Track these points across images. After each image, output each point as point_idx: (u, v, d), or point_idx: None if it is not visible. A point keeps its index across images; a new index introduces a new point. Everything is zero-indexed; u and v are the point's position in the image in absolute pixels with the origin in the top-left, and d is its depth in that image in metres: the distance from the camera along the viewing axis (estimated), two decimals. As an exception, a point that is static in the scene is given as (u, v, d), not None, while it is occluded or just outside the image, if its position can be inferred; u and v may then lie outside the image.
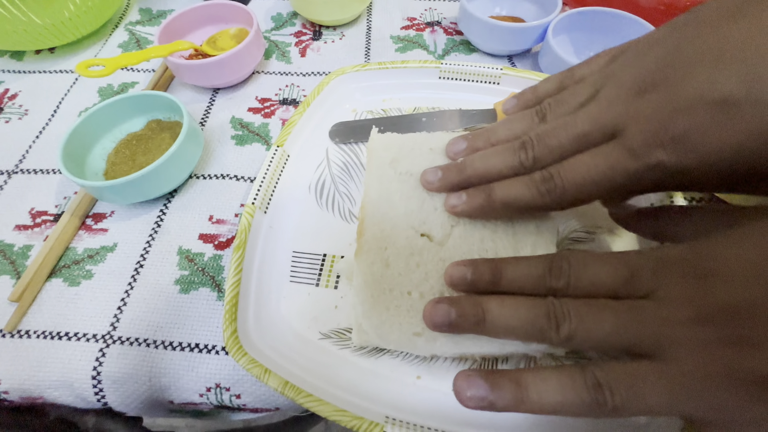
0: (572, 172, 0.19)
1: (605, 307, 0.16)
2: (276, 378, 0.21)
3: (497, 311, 0.18)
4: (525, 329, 0.17)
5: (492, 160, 0.22)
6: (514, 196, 0.21)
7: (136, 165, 0.32)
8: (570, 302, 0.17)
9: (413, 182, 0.26)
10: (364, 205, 0.25)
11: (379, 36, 0.43)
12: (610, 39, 0.37)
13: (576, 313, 0.16)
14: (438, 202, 0.25)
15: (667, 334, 0.15)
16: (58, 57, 0.43)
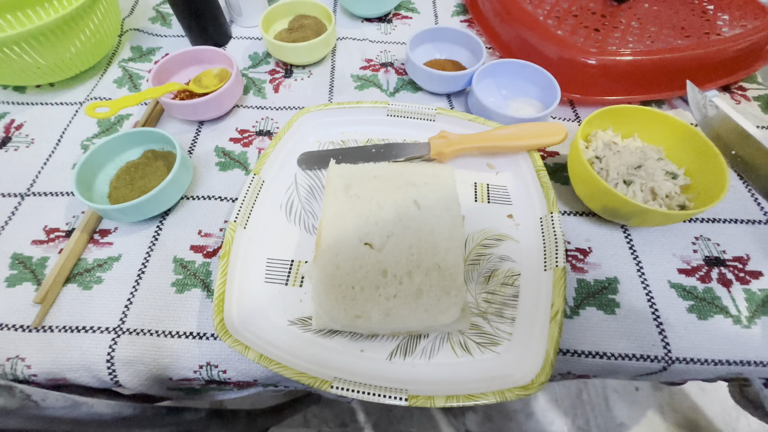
0: None
1: None
2: (253, 352, 0.29)
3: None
4: None
5: None
6: None
7: (135, 188, 0.39)
8: None
9: (361, 203, 0.34)
10: (322, 221, 0.33)
11: (341, 75, 0.51)
12: (523, 81, 0.46)
13: None
14: (380, 219, 0.33)
15: None
16: (57, 90, 0.49)
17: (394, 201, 0.34)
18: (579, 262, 0.36)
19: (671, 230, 0.38)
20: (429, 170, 0.36)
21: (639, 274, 0.36)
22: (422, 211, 0.34)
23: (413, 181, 0.36)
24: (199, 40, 0.52)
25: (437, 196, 0.35)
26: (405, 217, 0.33)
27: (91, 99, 0.48)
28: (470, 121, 0.42)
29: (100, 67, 0.52)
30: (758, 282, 0.35)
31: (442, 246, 0.32)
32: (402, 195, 0.35)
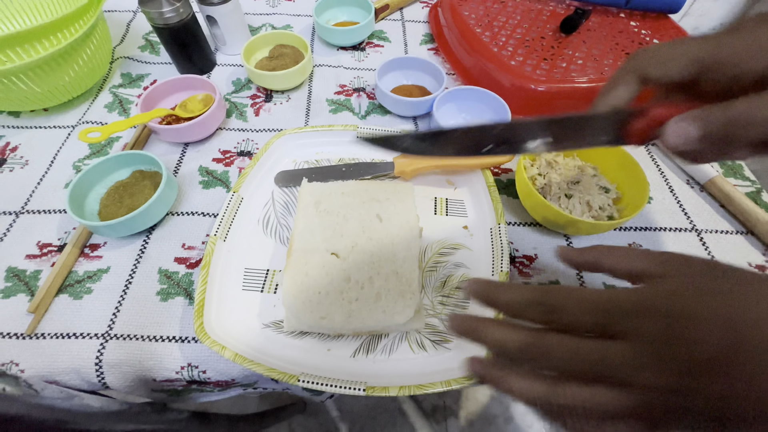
0: None
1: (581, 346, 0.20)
2: (230, 352, 0.32)
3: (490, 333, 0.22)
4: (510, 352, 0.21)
5: None
6: None
7: (124, 206, 0.42)
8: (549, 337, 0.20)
9: (329, 218, 0.38)
10: (293, 234, 0.37)
11: (317, 99, 0.56)
12: (480, 105, 0.51)
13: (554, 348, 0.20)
14: (345, 231, 0.37)
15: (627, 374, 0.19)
16: (51, 114, 0.53)
17: (359, 215, 0.38)
18: (525, 267, 0.41)
19: (607, 238, 0.43)
20: (391, 187, 0.41)
21: (578, 277, 0.40)
22: (384, 223, 0.38)
23: (376, 197, 0.40)
24: (185, 67, 0.56)
25: (397, 210, 0.39)
26: (368, 229, 0.37)
27: (83, 123, 0.52)
28: (431, 142, 0.46)
29: (92, 93, 0.55)
30: (681, 283, 0.40)
31: (400, 255, 0.36)
32: (366, 209, 0.39)
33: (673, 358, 0.18)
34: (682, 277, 0.21)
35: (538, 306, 0.21)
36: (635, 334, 0.19)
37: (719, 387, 0.18)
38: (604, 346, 0.19)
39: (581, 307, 0.20)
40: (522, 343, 0.21)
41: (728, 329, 0.18)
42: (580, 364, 0.20)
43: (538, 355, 0.21)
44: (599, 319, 0.20)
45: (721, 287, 0.19)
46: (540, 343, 0.21)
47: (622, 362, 0.19)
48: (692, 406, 0.18)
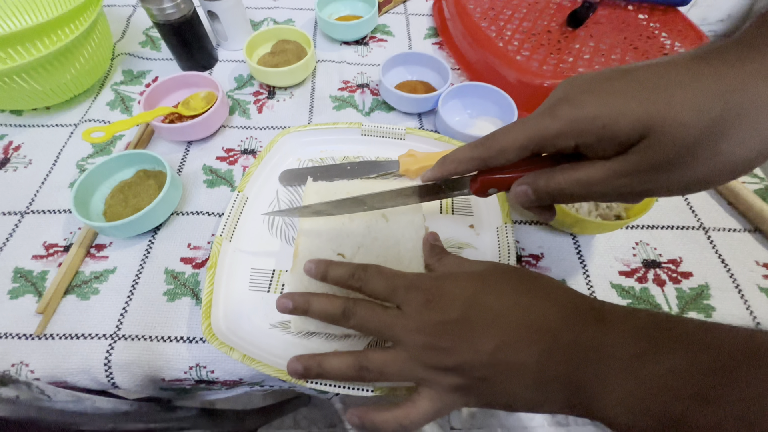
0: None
1: (375, 312, 0.28)
2: (237, 353, 0.32)
3: (315, 304, 0.30)
4: (331, 317, 0.29)
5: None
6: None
7: (129, 206, 0.42)
8: (359, 304, 0.29)
9: (335, 218, 0.38)
10: (299, 234, 0.37)
11: (320, 96, 0.55)
12: (486, 102, 0.51)
13: (359, 313, 0.28)
14: (351, 231, 0.37)
15: (402, 335, 0.27)
16: (53, 113, 0.53)
17: (364, 214, 0.38)
18: (531, 266, 0.41)
19: (614, 237, 0.43)
20: (397, 186, 0.41)
21: (584, 276, 0.40)
22: (389, 224, 0.38)
23: None
24: (186, 63, 0.56)
25: (403, 210, 0.39)
26: (374, 230, 0.37)
27: (85, 121, 0.52)
28: (436, 140, 0.46)
29: (93, 90, 0.55)
30: (688, 281, 0.40)
31: (405, 255, 0.36)
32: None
33: (427, 321, 0.26)
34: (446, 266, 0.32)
35: (354, 277, 0.30)
36: (407, 303, 0.27)
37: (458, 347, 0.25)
38: (389, 312, 0.28)
39: (380, 280, 0.29)
40: (340, 307, 0.29)
41: (463, 300, 0.26)
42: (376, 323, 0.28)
43: (350, 315, 0.28)
44: (389, 289, 0.29)
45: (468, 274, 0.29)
46: (352, 306, 0.29)
47: (398, 325, 0.27)
48: (441, 363, 0.26)
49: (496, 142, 0.26)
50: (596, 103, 0.22)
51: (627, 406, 0.21)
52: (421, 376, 0.27)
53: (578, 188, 0.24)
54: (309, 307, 0.30)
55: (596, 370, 0.23)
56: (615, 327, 0.24)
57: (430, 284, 0.28)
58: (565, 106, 0.23)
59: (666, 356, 0.21)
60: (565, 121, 0.23)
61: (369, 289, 0.30)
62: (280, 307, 0.31)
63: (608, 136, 0.22)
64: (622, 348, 0.22)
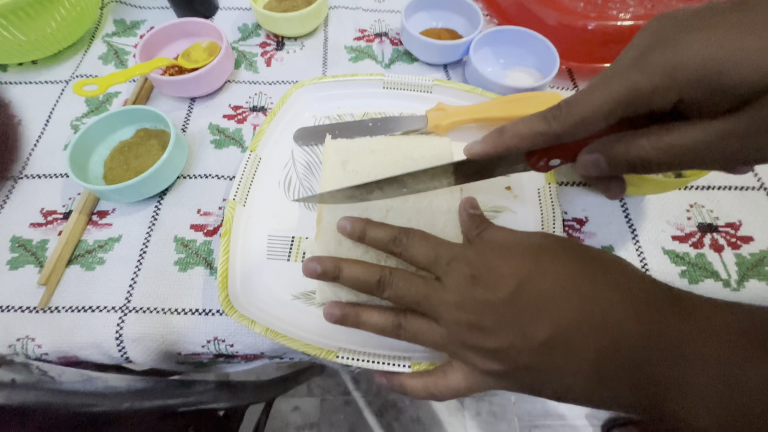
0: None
1: (414, 283, 0.26)
2: (260, 326, 0.29)
3: (347, 270, 0.27)
4: (364, 286, 0.27)
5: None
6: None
7: (131, 169, 0.38)
8: (396, 273, 0.26)
9: (359, 179, 0.34)
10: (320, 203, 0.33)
11: (334, 46, 0.49)
12: (521, 50, 0.45)
13: (396, 283, 0.26)
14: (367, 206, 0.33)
15: (440, 310, 0.25)
16: (41, 68, 0.48)
17: (391, 175, 0.34)
18: (575, 231, 0.37)
19: (666, 199, 0.39)
20: (425, 143, 0.36)
21: (634, 241, 0.36)
22: None
23: (410, 154, 0.35)
24: (184, 11, 0.50)
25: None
26: None
27: (76, 77, 0.47)
28: (467, 92, 0.41)
29: (83, 43, 0.50)
30: (749, 246, 0.36)
31: (440, 219, 0.32)
32: (399, 169, 0.34)
33: (470, 298, 0.23)
34: (491, 239, 0.27)
35: (396, 241, 0.27)
36: (449, 275, 0.25)
37: (503, 329, 0.22)
38: (429, 284, 0.25)
39: (423, 247, 0.26)
40: (375, 274, 0.26)
41: (514, 280, 0.23)
42: (413, 295, 0.25)
43: (386, 285, 0.26)
44: (432, 258, 0.26)
45: (520, 250, 0.25)
46: (389, 275, 0.26)
47: (437, 298, 0.25)
48: (480, 344, 0.23)
49: (574, 110, 0.21)
50: (705, 44, 0.17)
51: (716, 413, 0.18)
52: (457, 352, 0.25)
53: (670, 156, 0.19)
54: (340, 273, 0.27)
55: (675, 372, 0.19)
56: (702, 323, 0.20)
57: (476, 258, 0.25)
58: (662, 52, 0.18)
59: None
60: (663, 72, 0.18)
61: (409, 255, 0.27)
62: (307, 272, 0.28)
63: (724, 87, 0.17)
64: (712, 348, 0.19)
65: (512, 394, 0.98)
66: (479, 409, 0.97)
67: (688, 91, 0.18)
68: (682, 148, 0.19)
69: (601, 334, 0.21)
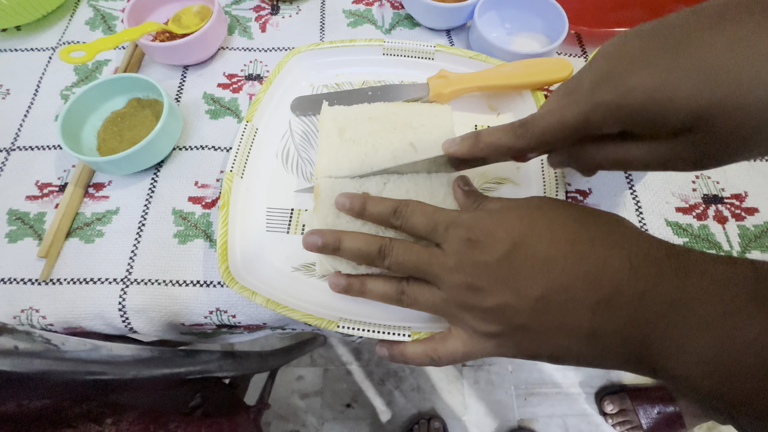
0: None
1: (414, 250, 0.26)
2: (261, 297, 0.30)
3: (348, 242, 0.27)
4: (365, 256, 0.27)
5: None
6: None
7: (125, 140, 0.37)
8: (396, 242, 0.27)
9: (356, 147, 0.33)
10: (318, 170, 0.33)
11: (332, 10, 0.47)
12: (528, 13, 0.43)
13: (396, 251, 0.26)
14: (374, 163, 0.32)
15: (439, 274, 0.25)
16: (26, 35, 0.46)
17: (390, 143, 0.33)
18: (579, 203, 0.36)
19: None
20: (426, 111, 0.35)
21: (637, 213, 0.36)
22: (419, 153, 0.33)
23: (409, 122, 0.34)
24: (173, -28, 0.47)
25: (434, 138, 0.34)
26: (401, 161, 0.33)
27: (63, 44, 0.45)
28: (471, 59, 0.39)
29: (68, 7, 0.47)
30: (753, 218, 0.36)
31: (439, 191, 0.32)
32: (398, 137, 0.34)
33: (467, 260, 0.24)
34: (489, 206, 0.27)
35: (396, 213, 0.27)
36: (447, 240, 0.25)
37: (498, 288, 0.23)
38: (429, 251, 0.26)
39: (421, 216, 0.27)
40: (375, 244, 0.27)
41: (509, 241, 0.23)
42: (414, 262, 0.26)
43: (386, 253, 0.26)
44: (430, 226, 0.26)
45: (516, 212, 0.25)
46: (389, 243, 0.27)
47: (436, 263, 0.25)
48: (478, 305, 0.24)
49: (536, 131, 0.24)
50: (646, 86, 0.20)
51: (713, 369, 0.18)
52: (456, 315, 0.26)
53: (621, 166, 0.24)
54: (341, 245, 0.27)
55: (670, 326, 0.19)
56: (701, 278, 0.20)
57: (473, 222, 0.25)
58: (611, 88, 0.21)
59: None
60: (611, 107, 0.21)
61: (409, 226, 0.27)
62: (307, 245, 0.28)
63: (659, 124, 0.20)
64: (709, 303, 0.19)
65: (509, 363, 1.01)
66: (477, 377, 1.00)
67: (631, 124, 0.21)
68: (630, 161, 0.24)
69: (596, 292, 0.21)
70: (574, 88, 0.23)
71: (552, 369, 1.01)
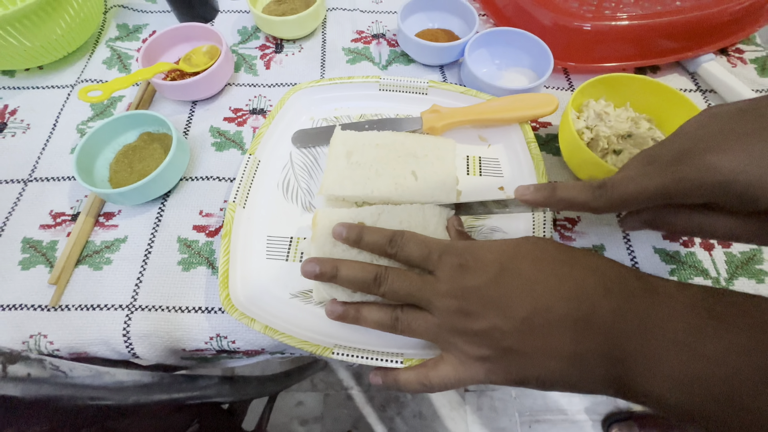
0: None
1: (408, 278, 0.27)
2: (259, 324, 0.31)
3: (344, 270, 0.28)
4: (361, 284, 0.28)
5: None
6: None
7: (135, 172, 0.40)
8: (391, 270, 0.28)
9: (360, 170, 0.35)
10: (323, 187, 0.35)
11: (332, 48, 0.50)
12: (517, 50, 0.46)
13: (391, 279, 0.27)
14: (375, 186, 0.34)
15: (432, 299, 0.26)
16: (47, 73, 0.49)
17: (392, 170, 0.35)
18: (567, 230, 0.38)
19: (658, 198, 0.39)
20: (431, 143, 0.37)
21: (625, 241, 0.37)
22: (419, 182, 0.35)
23: (414, 152, 0.37)
24: (185, 15, 0.51)
25: (435, 170, 0.36)
26: (401, 187, 0.34)
27: (81, 81, 0.48)
28: (462, 94, 0.42)
29: (87, 48, 0.51)
30: (739, 245, 0.37)
31: (431, 221, 0.33)
32: (401, 165, 0.36)
33: (459, 285, 0.25)
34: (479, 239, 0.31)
35: (392, 243, 0.28)
36: (440, 267, 0.26)
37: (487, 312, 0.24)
38: (422, 278, 0.27)
39: (415, 246, 0.28)
40: (371, 272, 0.28)
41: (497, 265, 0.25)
42: (407, 289, 0.27)
43: (381, 281, 0.27)
44: (424, 254, 0.27)
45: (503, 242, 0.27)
46: (384, 272, 0.28)
47: (429, 289, 0.26)
48: (467, 328, 0.25)
49: (616, 194, 0.25)
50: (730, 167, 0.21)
51: (680, 385, 0.19)
52: (448, 341, 0.26)
53: (703, 234, 0.26)
54: (338, 273, 0.28)
55: (642, 344, 0.21)
56: (667, 299, 0.21)
57: (464, 249, 0.27)
58: (693, 164, 0.22)
59: (728, 332, 0.19)
60: (694, 182, 0.22)
61: (404, 254, 0.28)
62: (305, 272, 0.29)
63: (748, 203, 0.21)
64: (676, 321, 0.20)
65: (513, 389, 1.00)
66: (480, 404, 0.98)
67: (718, 198, 0.22)
68: (716, 232, 0.25)
69: (575, 311, 0.23)
70: (656, 157, 0.25)
71: (557, 395, 0.99)
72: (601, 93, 0.40)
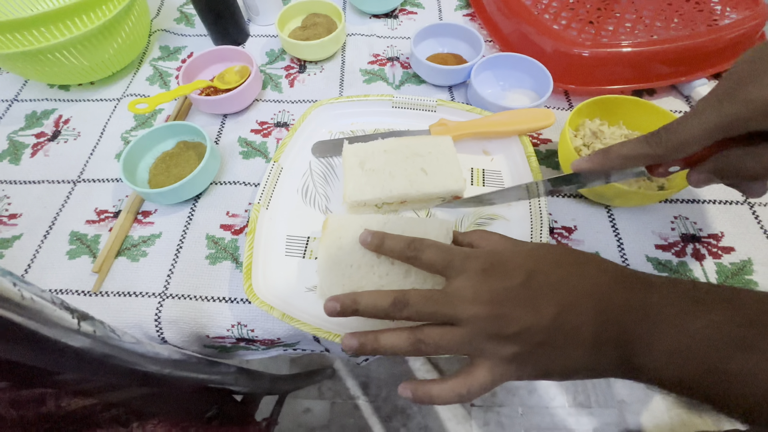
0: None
1: (429, 296, 0.26)
2: (278, 311, 0.34)
3: (364, 301, 0.27)
4: (382, 311, 0.27)
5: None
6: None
7: (171, 176, 0.44)
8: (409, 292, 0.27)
9: (376, 175, 0.39)
10: (345, 195, 0.38)
11: (351, 69, 0.55)
12: (519, 73, 0.50)
13: (413, 301, 0.26)
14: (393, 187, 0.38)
15: (459, 310, 0.26)
16: (97, 88, 0.55)
17: (404, 170, 0.39)
18: (564, 238, 0.40)
19: (652, 210, 0.42)
20: (430, 141, 0.42)
21: (619, 249, 0.40)
22: (429, 176, 0.39)
23: (418, 151, 0.40)
24: (220, 38, 0.57)
25: (441, 163, 0.40)
26: (415, 183, 0.38)
27: (127, 95, 0.54)
28: (467, 111, 0.45)
29: (133, 66, 0.57)
30: (730, 256, 0.39)
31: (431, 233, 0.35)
32: (410, 164, 0.40)
33: (487, 289, 0.26)
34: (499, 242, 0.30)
35: (410, 247, 0.29)
36: (464, 272, 0.27)
37: (520, 314, 0.25)
38: (442, 292, 0.27)
39: (436, 251, 0.28)
40: (389, 297, 0.27)
41: (524, 270, 0.26)
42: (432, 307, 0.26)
43: (402, 306, 0.26)
44: (446, 260, 0.28)
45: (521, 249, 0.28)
46: (402, 295, 0.27)
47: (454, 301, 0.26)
48: (501, 332, 0.25)
49: (673, 136, 0.26)
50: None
51: (673, 357, 0.23)
52: (479, 348, 0.26)
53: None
54: (358, 306, 0.27)
55: (644, 328, 0.24)
56: (661, 290, 0.25)
57: (487, 255, 0.28)
58: (756, 88, 0.22)
59: (706, 313, 0.23)
60: (758, 105, 0.22)
61: (425, 259, 0.28)
62: (328, 311, 0.28)
63: None
64: (668, 307, 0.24)
65: (519, 405, 0.99)
66: (487, 419, 0.98)
67: None
68: None
69: (595, 303, 0.25)
70: (711, 95, 0.25)
71: (565, 413, 0.98)
72: (596, 113, 0.43)
